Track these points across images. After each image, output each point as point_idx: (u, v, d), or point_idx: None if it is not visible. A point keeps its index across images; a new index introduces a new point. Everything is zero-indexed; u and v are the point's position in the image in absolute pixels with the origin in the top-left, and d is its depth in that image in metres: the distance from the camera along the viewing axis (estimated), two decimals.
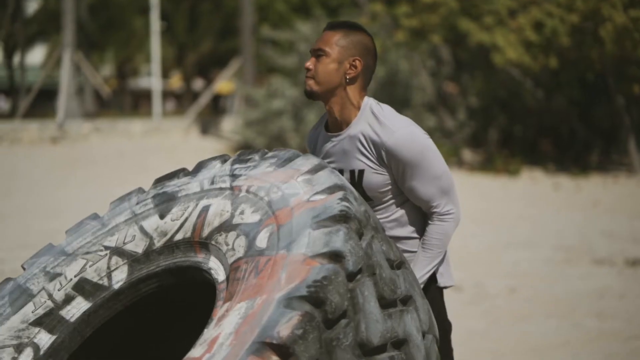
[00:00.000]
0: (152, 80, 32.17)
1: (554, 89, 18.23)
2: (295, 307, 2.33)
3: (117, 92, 44.96)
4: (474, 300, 7.18)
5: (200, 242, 2.79)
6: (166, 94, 46.91)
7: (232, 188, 2.84)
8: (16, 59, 39.77)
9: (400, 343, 2.59)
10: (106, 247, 2.96)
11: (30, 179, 17.47)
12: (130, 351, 3.20)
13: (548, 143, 18.99)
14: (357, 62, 2.99)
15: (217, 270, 2.69)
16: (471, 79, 19.44)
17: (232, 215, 2.74)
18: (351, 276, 2.47)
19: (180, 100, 47.05)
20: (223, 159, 3.00)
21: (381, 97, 19.91)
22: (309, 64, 3.01)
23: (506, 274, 8.18)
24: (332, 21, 3.08)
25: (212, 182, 2.91)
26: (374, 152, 2.97)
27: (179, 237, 2.85)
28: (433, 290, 3.13)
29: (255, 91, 21.58)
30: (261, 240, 2.60)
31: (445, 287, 3.17)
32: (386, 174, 2.98)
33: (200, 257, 2.77)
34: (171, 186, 3.02)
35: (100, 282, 2.93)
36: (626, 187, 15.17)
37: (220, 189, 2.87)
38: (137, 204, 3.03)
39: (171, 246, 2.86)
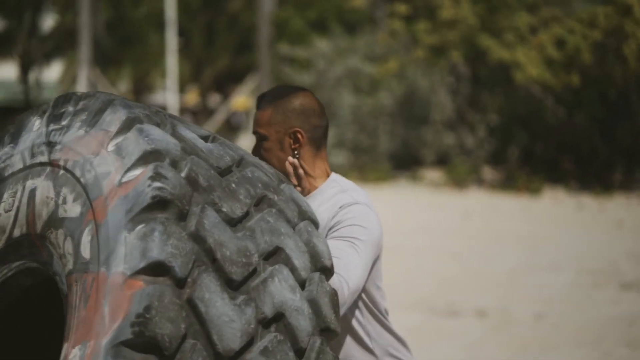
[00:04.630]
0: (167, 96, 32.10)
1: (576, 106, 17.99)
2: (125, 357, 1.95)
3: None
4: (499, 327, 6.94)
5: (39, 237, 2.31)
6: (182, 110, 46.87)
7: (51, 163, 2.33)
8: (32, 75, 39.85)
9: (274, 320, 2.16)
10: None
11: None
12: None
13: (569, 161, 18.71)
14: (299, 134, 2.64)
15: (62, 278, 2.23)
16: (491, 96, 19.22)
17: (57, 205, 2.26)
18: (181, 283, 2.03)
19: (197, 116, 47.06)
20: (42, 110, 2.46)
21: (400, 115, 19.73)
22: (254, 151, 2.68)
23: (531, 299, 7.93)
24: (260, 96, 2.72)
25: (32, 154, 2.39)
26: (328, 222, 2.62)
27: (17, 233, 2.37)
28: None
29: None
30: (85, 248, 2.15)
31: None
32: None
33: (45, 257, 2.31)
34: None
35: None
36: None
37: (41, 164, 2.36)
38: None
39: (14, 244, 2.38)
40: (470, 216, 13.69)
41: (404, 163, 19.49)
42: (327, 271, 2.33)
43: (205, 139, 2.36)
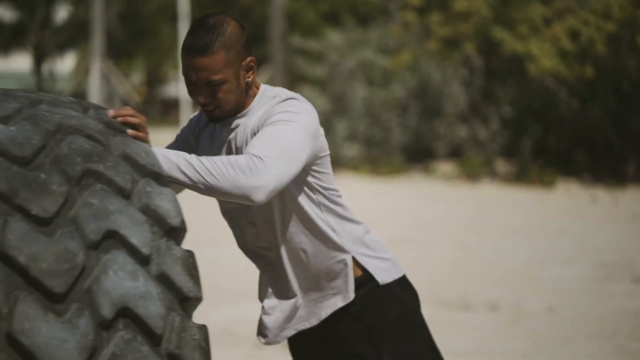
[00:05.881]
0: (179, 88, 32.12)
1: (590, 98, 17.91)
2: None
3: (147, 100, 45.01)
4: (512, 320, 6.91)
5: None
6: (194, 102, 46.93)
7: None
8: (46, 67, 39.93)
9: (118, 317, 1.90)
10: None
11: None
12: None
13: (583, 154, 18.63)
14: (252, 62, 2.56)
15: None
16: (504, 89, 19.15)
17: None
18: None
19: None
20: None
21: (413, 107, 19.68)
22: (203, 98, 2.52)
23: (544, 292, 7.90)
24: (195, 39, 2.49)
25: None
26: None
27: None
28: (380, 293, 2.65)
29: None
30: None
31: (396, 281, 2.68)
32: None
33: None
34: None
35: None
36: None
37: None
38: None
39: None
40: (483, 209, 13.65)
41: (417, 156, 19.44)
42: (176, 232, 2.07)
43: (5, 120, 1.99)
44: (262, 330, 2.72)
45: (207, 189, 2.34)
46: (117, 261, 1.92)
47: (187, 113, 28.18)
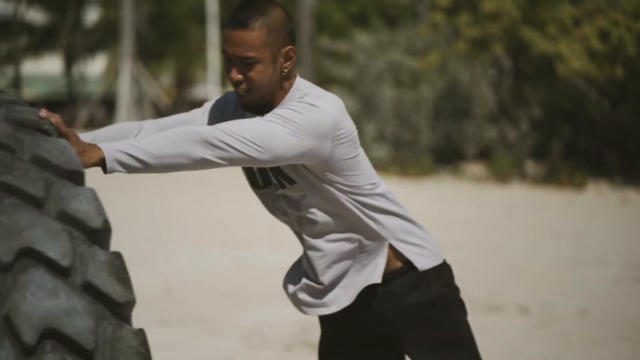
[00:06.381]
0: (208, 89, 32.21)
1: (620, 99, 17.77)
2: None
3: (176, 102, 45.20)
4: (543, 323, 6.87)
5: None
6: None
7: None
8: (76, 69, 40.16)
9: (43, 340, 1.78)
10: None
11: None
12: None
13: (613, 155, 18.49)
14: (292, 52, 2.55)
15: None
16: (534, 89, 19.05)
17: None
18: None
19: None
20: None
21: (441, 108, 19.62)
22: (236, 74, 2.51)
23: (575, 294, 7.85)
24: (239, 14, 2.49)
25: None
26: None
27: None
28: (417, 278, 2.67)
29: None
30: None
31: (434, 268, 2.70)
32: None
33: None
34: None
35: None
36: None
37: None
38: None
39: None
40: (513, 211, 13.58)
41: (446, 157, 19.38)
42: (100, 234, 1.92)
43: None
44: (295, 302, 2.77)
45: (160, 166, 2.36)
46: (34, 280, 1.78)
47: None
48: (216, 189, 16.97)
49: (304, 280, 2.71)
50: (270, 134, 2.43)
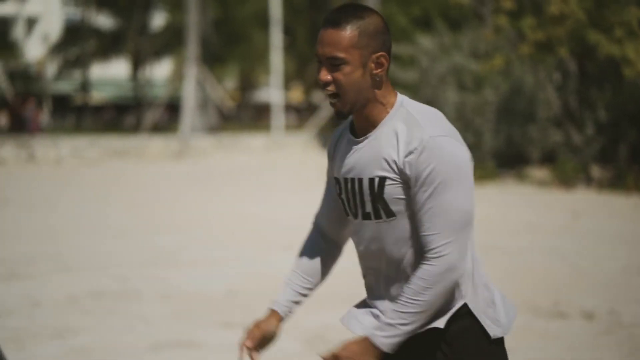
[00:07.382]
0: (271, 93, 32.39)
1: None
2: None
3: (239, 105, 45.50)
4: (608, 330, 6.79)
5: None
6: (286, 107, 47.31)
7: None
8: (143, 73, 40.68)
9: None
10: None
11: (154, 193, 17.72)
12: None
13: None
14: (383, 58, 2.48)
15: None
16: (600, 93, 18.81)
17: None
18: None
19: (301, 113, 47.33)
20: None
21: (505, 112, 19.48)
22: (325, 75, 2.46)
23: None
24: (333, 14, 2.46)
25: None
26: (400, 156, 2.45)
27: None
28: (482, 347, 2.52)
29: None
30: None
31: (496, 338, 2.53)
32: (402, 185, 2.48)
33: None
34: None
35: None
36: None
37: None
38: None
39: None
40: (578, 215, 13.43)
41: (509, 161, 19.23)
42: None
43: None
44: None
45: (426, 317, 2.45)
46: None
47: (279, 118, 28.38)
48: (282, 193, 17.07)
49: (374, 311, 2.62)
50: (462, 209, 2.53)
